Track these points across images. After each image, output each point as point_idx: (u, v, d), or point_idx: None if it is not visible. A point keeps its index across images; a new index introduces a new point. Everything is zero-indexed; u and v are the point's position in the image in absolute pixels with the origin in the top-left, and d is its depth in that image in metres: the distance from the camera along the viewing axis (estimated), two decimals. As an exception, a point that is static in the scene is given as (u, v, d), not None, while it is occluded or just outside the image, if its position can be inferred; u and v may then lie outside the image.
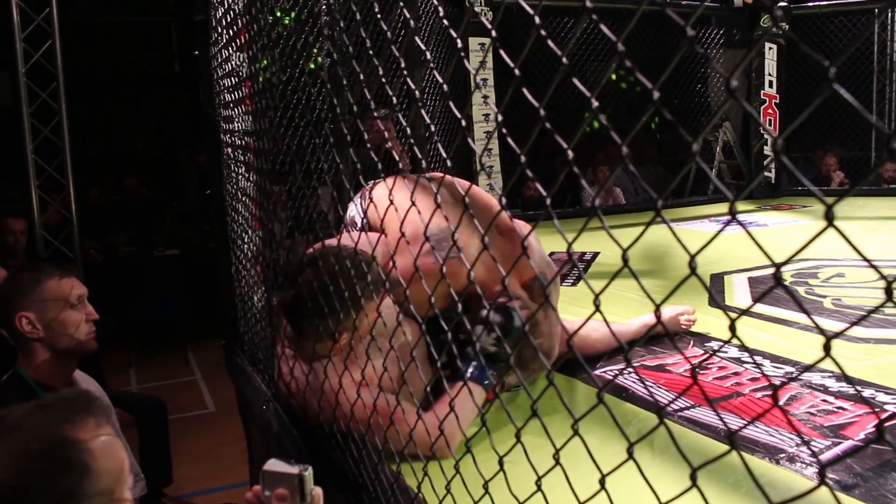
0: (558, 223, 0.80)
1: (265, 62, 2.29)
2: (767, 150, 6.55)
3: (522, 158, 0.87)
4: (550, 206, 0.81)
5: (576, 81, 0.79)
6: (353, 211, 2.29)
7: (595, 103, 0.73)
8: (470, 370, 1.77)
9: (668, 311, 2.61)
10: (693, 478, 0.58)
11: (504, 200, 1.08)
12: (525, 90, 0.84)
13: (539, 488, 0.79)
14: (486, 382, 1.78)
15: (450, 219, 1.13)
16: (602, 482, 0.69)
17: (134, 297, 6.73)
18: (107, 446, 1.08)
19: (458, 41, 1.07)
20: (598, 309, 0.70)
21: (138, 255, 7.29)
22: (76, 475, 1.02)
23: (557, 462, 0.75)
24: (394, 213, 1.30)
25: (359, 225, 2.22)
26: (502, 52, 0.92)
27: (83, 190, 7.63)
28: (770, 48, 6.42)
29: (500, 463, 0.85)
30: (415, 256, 1.11)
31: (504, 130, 0.85)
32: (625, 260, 0.58)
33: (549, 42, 0.82)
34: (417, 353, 1.47)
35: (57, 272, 2.17)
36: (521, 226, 2.26)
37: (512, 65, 0.83)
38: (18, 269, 2.27)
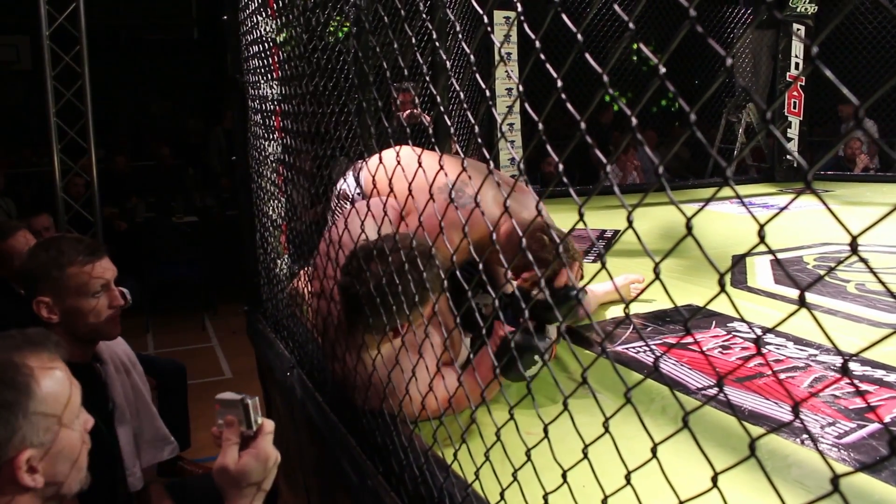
0: (575, 195, 0.80)
1: (290, 32, 2.28)
2: (791, 132, 6.48)
3: (540, 126, 0.87)
4: (567, 178, 0.81)
5: (588, 57, 0.79)
6: (345, 184, 2.27)
7: (605, 78, 0.72)
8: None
9: (619, 280, 2.77)
10: (752, 447, 0.58)
11: (522, 166, 1.09)
12: (545, 62, 0.83)
13: (585, 456, 0.79)
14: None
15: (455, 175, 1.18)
16: (654, 451, 0.69)
17: (152, 263, 6.77)
18: (54, 378, 1.20)
19: (485, 16, 1.07)
20: (603, 266, 0.70)
21: (157, 222, 7.33)
22: (14, 392, 1.14)
23: (606, 430, 0.75)
24: (401, 171, 1.36)
25: (351, 197, 2.23)
26: (525, 27, 0.91)
27: (106, 156, 7.69)
28: (798, 29, 6.32)
29: (545, 430, 0.85)
30: (420, 211, 1.13)
31: (519, 102, 0.84)
32: (688, 228, 0.58)
33: (564, 17, 0.82)
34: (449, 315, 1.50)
35: (80, 256, 1.96)
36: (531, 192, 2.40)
37: (533, 36, 0.83)
38: (41, 245, 2.04)
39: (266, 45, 2.47)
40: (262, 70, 2.55)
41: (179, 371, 3.89)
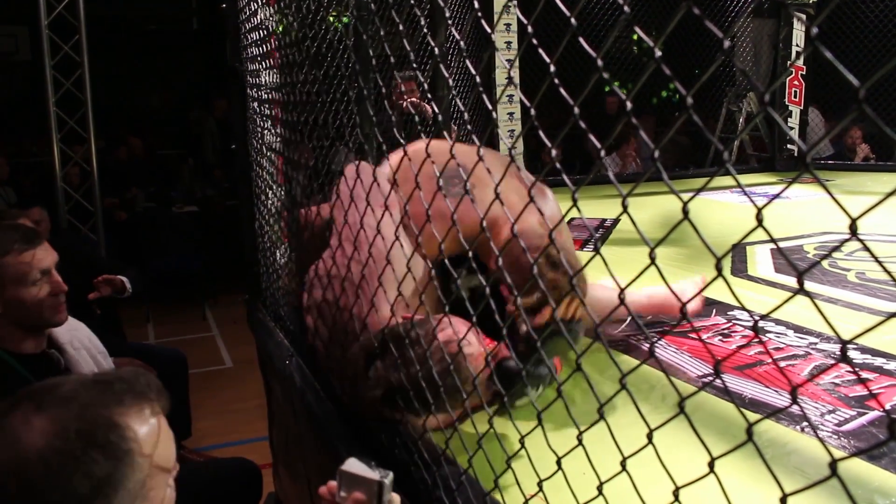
0: (570, 182, 0.80)
1: (289, 20, 2.26)
2: (792, 121, 6.45)
3: (532, 112, 0.87)
4: (566, 168, 0.81)
5: (581, 41, 0.78)
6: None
7: (599, 62, 0.72)
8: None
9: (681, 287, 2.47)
10: (749, 433, 0.58)
11: (521, 148, 1.07)
12: (538, 47, 0.83)
13: (580, 442, 0.79)
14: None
15: (468, 165, 1.12)
16: (650, 437, 0.69)
17: (152, 253, 6.77)
18: (155, 437, 1.02)
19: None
20: (598, 253, 0.69)
21: (157, 211, 7.32)
22: (117, 465, 0.96)
23: (602, 416, 0.75)
24: (407, 161, 1.27)
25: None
26: (518, 13, 0.91)
27: (107, 146, 7.68)
28: (797, 19, 6.29)
29: (539, 417, 0.85)
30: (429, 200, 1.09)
31: (515, 92, 0.83)
32: (685, 212, 0.57)
33: (559, 2, 0.81)
34: (428, 299, 1.45)
35: (15, 245, 1.92)
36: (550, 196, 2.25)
37: (525, 21, 0.83)
38: None
39: (265, 32, 2.46)
40: (262, 58, 2.54)
41: (180, 360, 3.90)
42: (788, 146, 6.46)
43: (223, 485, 2.50)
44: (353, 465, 1.17)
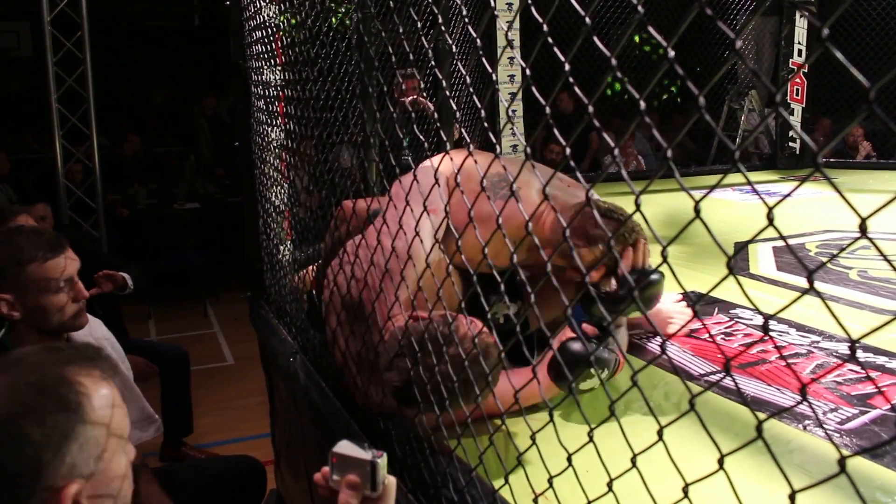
0: (582, 179, 0.80)
1: (293, 18, 2.27)
2: (794, 119, 6.44)
3: (548, 110, 0.87)
4: (574, 163, 0.81)
5: (596, 40, 0.79)
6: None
7: (614, 62, 0.72)
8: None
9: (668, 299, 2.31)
10: (759, 430, 0.58)
11: (529, 150, 1.07)
12: (552, 45, 0.83)
13: (591, 439, 0.79)
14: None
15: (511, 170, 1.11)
16: (660, 433, 0.69)
17: (154, 250, 6.77)
18: (108, 401, 1.03)
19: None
20: (610, 250, 0.70)
21: (158, 208, 7.33)
22: (68, 415, 0.97)
23: (612, 413, 0.75)
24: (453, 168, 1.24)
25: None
26: (533, 10, 0.91)
27: (111, 143, 7.68)
28: (801, 16, 6.28)
29: (550, 413, 0.85)
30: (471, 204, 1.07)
31: (523, 88, 0.84)
32: (697, 211, 0.58)
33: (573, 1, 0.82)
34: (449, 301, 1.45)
35: (41, 252, 1.88)
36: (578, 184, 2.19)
37: (541, 20, 0.83)
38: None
39: (269, 30, 2.46)
40: (265, 55, 2.54)
41: (182, 357, 3.90)
42: (790, 144, 6.46)
43: (227, 481, 2.51)
44: (346, 447, 1.12)
